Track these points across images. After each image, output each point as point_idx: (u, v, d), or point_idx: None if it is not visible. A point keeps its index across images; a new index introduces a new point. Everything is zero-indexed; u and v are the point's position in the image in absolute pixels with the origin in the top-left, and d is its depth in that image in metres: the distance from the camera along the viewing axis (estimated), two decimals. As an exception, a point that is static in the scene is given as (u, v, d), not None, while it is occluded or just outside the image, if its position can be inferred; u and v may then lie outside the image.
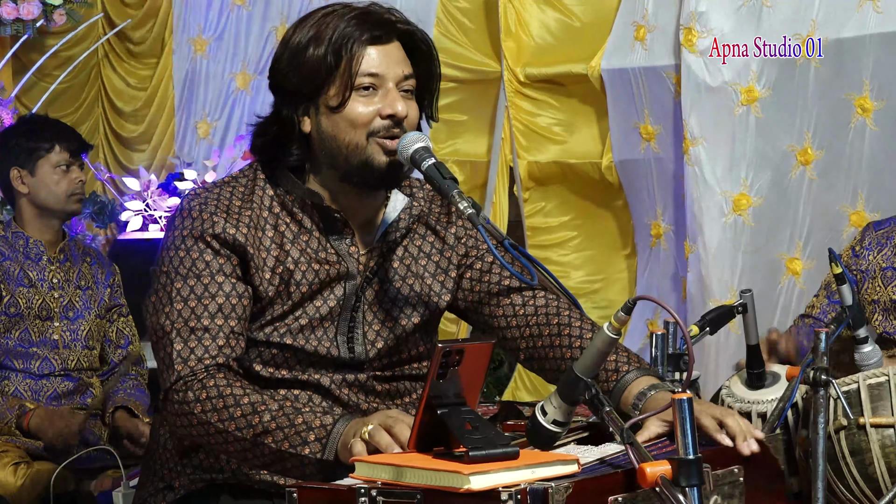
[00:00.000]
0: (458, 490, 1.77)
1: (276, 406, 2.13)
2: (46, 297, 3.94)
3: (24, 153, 3.97)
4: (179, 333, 2.20)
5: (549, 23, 5.19)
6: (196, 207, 2.27)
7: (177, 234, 2.27)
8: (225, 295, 2.22)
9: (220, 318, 2.21)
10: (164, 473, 2.36)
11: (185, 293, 2.23)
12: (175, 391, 2.18)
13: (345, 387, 2.30)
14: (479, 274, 2.41)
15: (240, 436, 2.12)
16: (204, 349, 2.19)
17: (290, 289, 2.26)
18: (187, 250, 2.25)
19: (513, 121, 5.18)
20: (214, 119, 6.02)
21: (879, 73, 4.33)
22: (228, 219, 2.25)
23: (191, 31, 6.07)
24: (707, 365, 4.52)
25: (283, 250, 2.28)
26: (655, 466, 1.80)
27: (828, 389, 2.69)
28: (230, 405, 2.13)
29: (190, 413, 2.16)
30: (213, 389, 2.15)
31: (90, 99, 6.27)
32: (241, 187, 2.32)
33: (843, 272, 2.86)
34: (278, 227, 2.29)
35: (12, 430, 3.80)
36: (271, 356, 2.27)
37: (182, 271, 2.24)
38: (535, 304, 2.37)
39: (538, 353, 2.34)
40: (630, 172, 4.94)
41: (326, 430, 2.08)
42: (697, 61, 4.56)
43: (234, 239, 2.24)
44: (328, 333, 2.29)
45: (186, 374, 2.18)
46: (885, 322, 3.44)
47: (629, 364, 2.26)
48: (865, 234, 3.58)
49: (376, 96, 2.26)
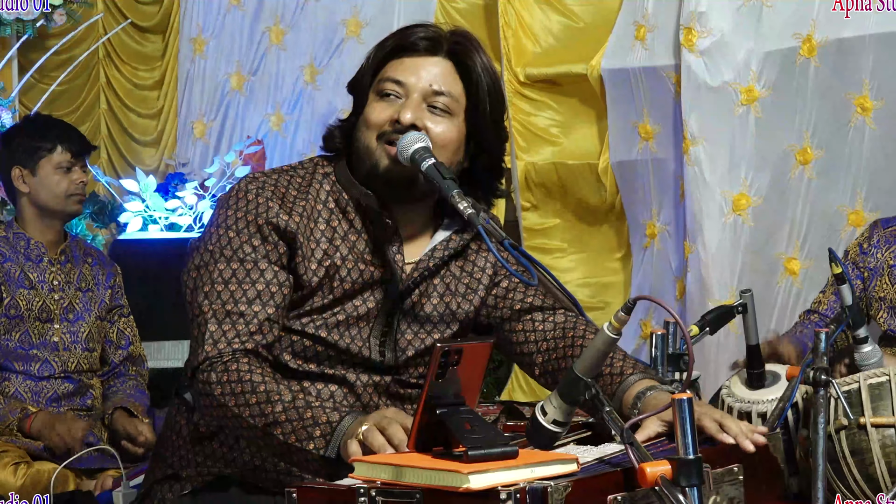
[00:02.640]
0: (458, 489, 1.77)
1: (290, 397, 2.13)
2: (46, 298, 3.94)
3: (27, 152, 3.97)
4: (215, 315, 2.22)
5: (549, 23, 5.19)
6: (253, 190, 2.28)
7: (230, 213, 2.28)
8: (266, 282, 2.24)
9: (258, 304, 2.23)
10: (173, 461, 2.37)
11: (227, 276, 2.24)
12: (201, 371, 2.20)
13: (369, 386, 2.32)
14: (505, 292, 2.43)
15: (252, 423, 2.13)
16: (236, 333, 2.21)
17: (334, 283, 2.28)
18: (238, 232, 2.26)
19: (512, 121, 5.18)
20: (210, 119, 6.02)
21: (879, 72, 4.33)
22: (283, 205, 2.27)
23: (191, 31, 6.07)
24: (707, 365, 4.52)
25: (333, 245, 2.30)
26: (655, 466, 1.80)
27: (828, 389, 2.69)
28: (247, 391, 2.14)
29: (210, 394, 2.18)
30: (234, 374, 2.16)
31: (90, 99, 6.27)
32: (298, 178, 2.34)
33: (844, 272, 2.86)
34: (331, 221, 2.31)
35: (14, 432, 3.80)
36: (303, 347, 2.29)
37: (227, 253, 2.25)
38: (555, 319, 2.39)
39: (552, 366, 2.35)
40: (627, 172, 4.94)
41: (332, 426, 2.08)
42: (697, 61, 4.56)
43: (286, 225, 2.26)
44: (362, 333, 2.31)
45: (214, 355, 2.19)
46: (891, 319, 3.45)
47: (634, 368, 2.27)
48: (873, 230, 3.58)
49: (398, 104, 2.29)
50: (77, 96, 6.22)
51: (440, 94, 2.29)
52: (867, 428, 2.75)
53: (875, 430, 2.75)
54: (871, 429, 2.75)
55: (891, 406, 2.76)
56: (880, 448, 2.74)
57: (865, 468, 2.76)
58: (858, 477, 2.76)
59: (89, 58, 6.18)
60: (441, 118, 2.29)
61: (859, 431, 2.76)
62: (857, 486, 2.77)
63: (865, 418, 2.76)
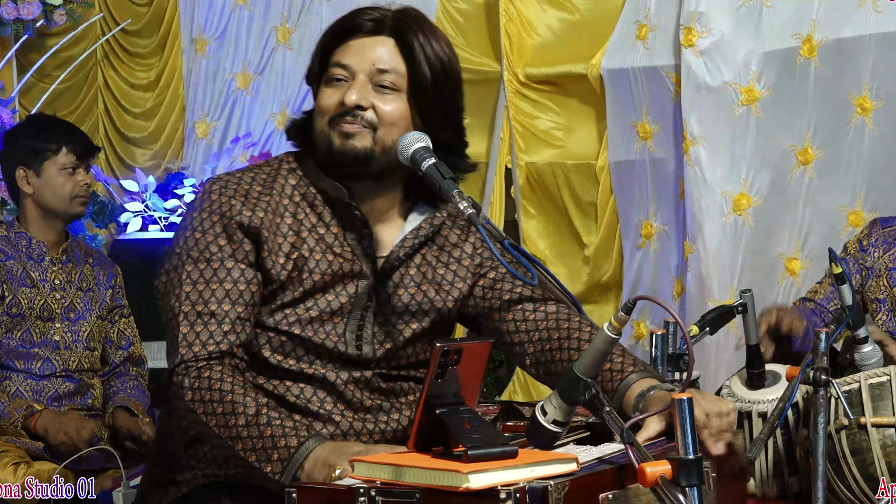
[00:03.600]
0: (457, 489, 1.77)
1: (253, 411, 2.14)
2: (48, 297, 3.94)
3: (31, 153, 3.97)
4: (187, 317, 2.23)
5: (550, 22, 5.19)
6: (216, 190, 2.31)
7: (195, 215, 2.31)
8: (233, 280, 2.25)
9: (228, 303, 2.24)
10: (168, 465, 2.37)
11: (195, 276, 2.26)
12: (176, 374, 2.22)
13: (350, 383, 2.31)
14: (492, 283, 2.42)
15: (217, 433, 2.15)
16: (209, 334, 2.22)
17: (303, 275, 2.28)
18: (203, 232, 2.28)
19: (512, 122, 5.18)
20: (214, 119, 6.02)
21: (879, 72, 4.33)
22: (246, 203, 2.29)
23: (193, 30, 6.07)
24: (707, 365, 4.52)
25: (300, 237, 2.30)
26: (655, 466, 1.80)
27: (828, 389, 2.69)
28: (215, 400, 2.16)
29: (182, 398, 2.19)
30: (205, 381, 2.18)
31: (88, 99, 6.26)
32: (263, 174, 2.35)
33: (844, 272, 2.86)
34: (297, 215, 2.32)
35: (18, 430, 3.80)
36: (280, 343, 2.29)
37: (194, 254, 2.27)
38: (546, 310, 2.38)
39: (545, 357, 2.34)
40: (623, 172, 4.94)
41: (289, 452, 2.09)
42: (697, 61, 4.56)
43: (249, 221, 2.27)
44: (337, 329, 2.30)
45: (189, 358, 2.21)
46: (891, 321, 3.44)
47: (634, 366, 2.27)
48: (872, 229, 3.57)
49: (341, 86, 2.30)
50: (75, 96, 6.21)
51: (384, 71, 2.30)
52: (867, 428, 2.75)
53: (875, 430, 2.74)
54: (871, 429, 2.74)
55: (891, 406, 2.76)
56: (881, 448, 2.74)
57: (865, 468, 2.76)
58: (858, 477, 2.76)
59: (88, 58, 6.18)
60: (389, 96, 2.30)
61: (859, 431, 2.76)
62: (857, 486, 2.77)
63: (866, 418, 2.76)
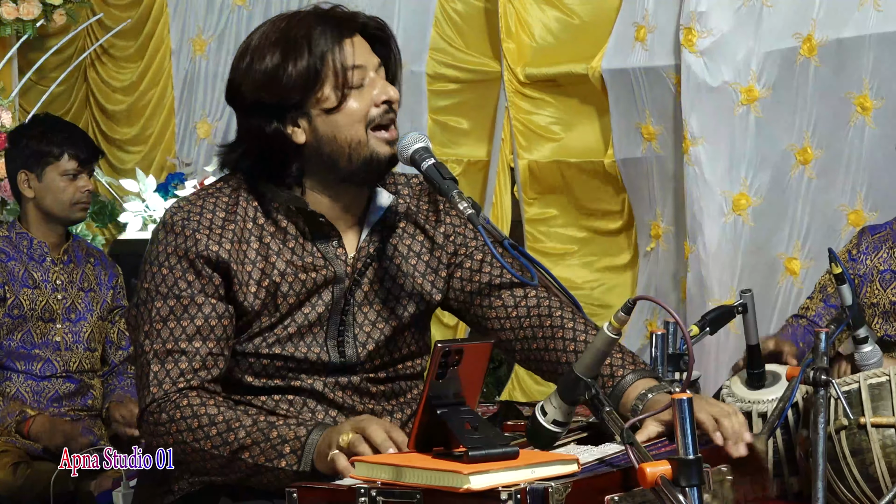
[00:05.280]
0: (458, 490, 1.77)
1: (250, 421, 2.13)
2: (50, 298, 3.94)
3: (33, 157, 3.94)
4: (157, 355, 2.20)
5: (549, 23, 5.19)
6: (179, 223, 2.25)
7: (160, 249, 2.25)
8: (204, 317, 2.21)
9: (199, 340, 2.20)
10: (162, 475, 2.35)
11: (165, 313, 2.21)
12: (150, 412, 2.19)
13: (338, 390, 2.29)
14: (470, 273, 2.39)
15: (216, 454, 2.14)
16: (179, 371, 2.19)
17: (277, 301, 2.25)
18: (170, 269, 2.23)
19: (513, 121, 5.18)
20: (216, 119, 6.01)
21: (879, 72, 4.33)
22: (211, 235, 2.24)
23: (190, 31, 6.06)
24: (707, 365, 4.52)
25: (269, 262, 2.26)
26: (655, 466, 1.80)
27: (828, 389, 2.69)
28: (205, 424, 2.14)
29: (166, 433, 2.17)
30: (186, 409, 2.16)
31: (79, 101, 6.25)
32: (224, 198, 2.29)
33: (844, 272, 2.86)
34: (263, 238, 2.27)
35: (12, 433, 3.80)
36: (262, 367, 2.27)
37: (163, 290, 2.22)
38: (528, 304, 2.35)
39: (533, 356, 2.33)
40: (631, 172, 4.94)
41: (301, 441, 2.08)
42: (697, 61, 4.56)
43: (217, 256, 2.23)
44: (317, 339, 2.28)
45: (160, 396, 2.18)
46: (886, 325, 3.44)
47: (624, 368, 2.24)
48: (861, 237, 3.57)
49: (363, 88, 2.27)
50: (67, 98, 6.20)
51: (381, 64, 2.31)
52: (867, 428, 2.75)
53: (875, 430, 2.75)
54: (871, 429, 2.75)
55: (891, 406, 2.76)
56: (880, 448, 2.74)
57: (865, 468, 2.76)
58: (858, 477, 2.76)
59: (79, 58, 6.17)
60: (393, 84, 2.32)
61: (859, 431, 2.76)
62: (857, 486, 2.77)
63: (865, 418, 2.76)
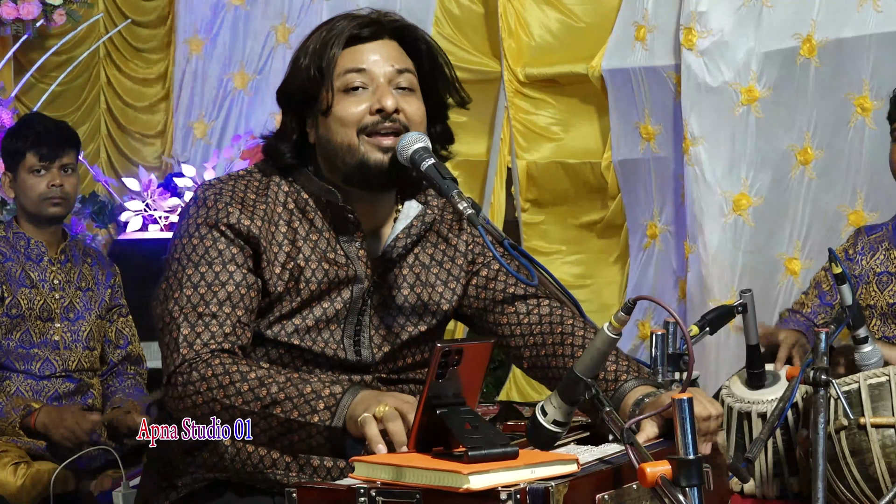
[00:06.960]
0: (458, 490, 1.77)
1: (283, 378, 2.13)
2: (47, 297, 3.94)
3: (9, 157, 3.99)
4: (187, 318, 2.20)
5: (549, 23, 5.19)
6: (211, 197, 2.28)
7: (191, 222, 2.27)
8: (235, 284, 2.22)
9: (229, 306, 2.21)
10: (167, 472, 2.36)
11: (196, 279, 2.22)
12: (179, 373, 2.18)
13: None
14: (485, 281, 2.42)
15: (247, 409, 2.12)
16: (210, 335, 2.19)
17: (300, 285, 2.27)
18: (201, 238, 2.25)
19: (512, 121, 5.18)
20: (212, 119, 6.02)
21: (879, 72, 4.33)
22: (244, 210, 2.26)
23: (187, 31, 6.07)
24: (707, 365, 4.52)
25: (295, 246, 2.28)
26: (655, 466, 1.80)
27: (828, 389, 2.69)
28: (236, 381, 2.13)
29: (196, 392, 2.15)
30: (218, 367, 2.15)
31: (90, 99, 6.27)
32: (255, 181, 2.33)
33: (844, 272, 2.86)
34: (291, 223, 2.30)
35: (16, 429, 3.79)
36: (278, 356, 2.28)
37: (195, 258, 2.24)
38: (540, 312, 2.37)
39: (541, 362, 2.34)
40: (629, 172, 4.94)
41: (336, 398, 2.08)
42: (697, 61, 4.56)
43: (248, 230, 2.25)
44: (335, 336, 2.29)
45: (192, 357, 2.17)
46: (884, 326, 3.44)
47: (628, 373, 2.25)
48: (858, 238, 3.57)
49: (367, 94, 2.27)
50: (77, 96, 6.22)
51: (402, 72, 2.29)
52: (867, 428, 2.75)
53: (875, 430, 2.75)
54: (871, 429, 2.75)
55: (891, 406, 2.76)
56: (880, 448, 2.74)
57: (865, 468, 2.76)
58: (858, 477, 2.76)
59: (89, 58, 6.18)
60: (410, 97, 2.29)
61: (859, 431, 2.76)
62: (856, 486, 2.77)
63: (865, 418, 2.76)
